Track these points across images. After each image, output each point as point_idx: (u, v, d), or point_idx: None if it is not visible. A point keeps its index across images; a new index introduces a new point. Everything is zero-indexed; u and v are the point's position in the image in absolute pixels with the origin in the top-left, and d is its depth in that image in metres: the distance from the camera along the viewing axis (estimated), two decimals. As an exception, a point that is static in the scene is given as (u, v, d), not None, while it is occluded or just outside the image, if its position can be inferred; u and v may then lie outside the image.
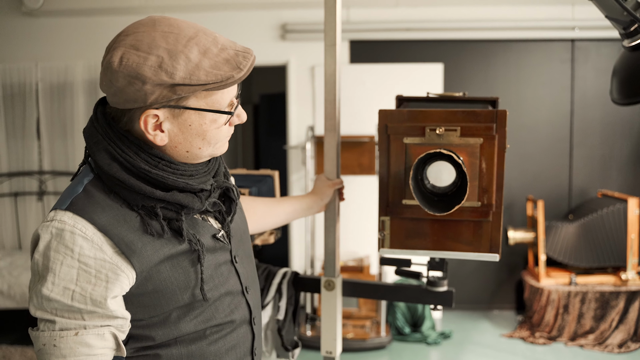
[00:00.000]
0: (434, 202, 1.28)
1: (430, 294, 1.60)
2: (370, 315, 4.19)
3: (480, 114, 1.27)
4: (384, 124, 1.34)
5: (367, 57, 4.58)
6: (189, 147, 1.00)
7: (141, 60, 0.90)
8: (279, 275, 1.77)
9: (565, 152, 4.60)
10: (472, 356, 3.83)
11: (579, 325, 4.01)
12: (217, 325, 1.08)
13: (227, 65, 0.94)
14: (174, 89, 0.91)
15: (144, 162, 0.96)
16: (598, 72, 4.53)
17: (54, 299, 0.91)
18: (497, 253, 1.33)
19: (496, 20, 4.44)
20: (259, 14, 4.58)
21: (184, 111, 0.96)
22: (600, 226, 4.06)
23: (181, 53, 0.91)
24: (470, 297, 4.70)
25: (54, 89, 4.63)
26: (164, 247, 0.99)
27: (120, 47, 0.92)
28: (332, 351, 1.71)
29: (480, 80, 4.58)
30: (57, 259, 0.91)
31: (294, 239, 4.69)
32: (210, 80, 0.93)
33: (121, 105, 0.94)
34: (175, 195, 0.98)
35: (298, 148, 4.61)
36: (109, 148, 0.96)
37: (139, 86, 0.90)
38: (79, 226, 0.92)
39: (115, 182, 0.96)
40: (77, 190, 0.97)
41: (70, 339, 0.91)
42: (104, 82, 0.94)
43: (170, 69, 0.90)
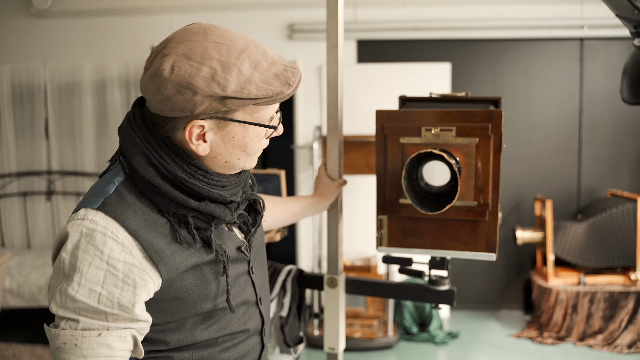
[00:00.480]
0: (428, 201, 1.29)
1: (431, 293, 1.61)
2: (378, 314, 4.19)
3: (476, 114, 1.27)
4: (381, 124, 1.36)
5: (375, 57, 4.58)
6: (228, 157, 1.00)
7: (194, 71, 0.89)
8: (284, 273, 1.79)
9: (574, 151, 4.57)
10: (480, 356, 3.82)
11: (587, 326, 3.99)
12: (230, 334, 1.08)
13: (277, 81, 0.94)
14: (224, 101, 0.91)
15: (180, 170, 0.96)
16: (607, 71, 4.50)
17: (79, 299, 0.90)
18: (493, 252, 1.33)
19: (504, 19, 4.42)
20: (266, 14, 4.58)
21: (230, 123, 0.95)
22: (609, 226, 4.04)
23: (234, 66, 0.90)
24: (478, 296, 4.69)
25: (62, 89, 4.66)
26: (192, 256, 0.98)
27: (171, 54, 0.91)
28: (335, 347, 1.72)
29: (488, 80, 4.56)
30: (86, 260, 0.90)
31: (302, 238, 4.69)
32: (261, 95, 0.92)
33: (166, 113, 0.93)
34: (208, 205, 0.98)
35: (305, 148, 4.62)
36: (146, 152, 0.95)
37: (188, 96, 0.89)
38: (111, 228, 0.91)
39: (149, 186, 0.95)
40: (109, 190, 0.95)
41: (92, 339, 0.91)
42: (150, 89, 0.92)
43: (222, 81, 0.89)
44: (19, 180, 4.72)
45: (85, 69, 4.60)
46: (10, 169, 4.71)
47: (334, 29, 1.63)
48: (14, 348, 3.81)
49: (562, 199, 4.58)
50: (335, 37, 1.63)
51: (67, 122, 4.69)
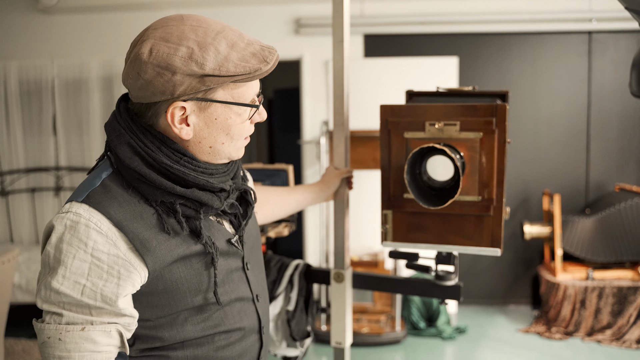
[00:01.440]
0: (431, 196, 1.29)
1: (438, 288, 1.61)
2: (385, 310, 4.19)
3: (480, 108, 1.27)
4: (385, 119, 1.36)
5: (382, 51, 4.56)
6: (212, 142, 0.99)
7: (171, 51, 0.90)
8: (291, 267, 1.80)
9: (582, 145, 4.55)
10: (487, 351, 3.81)
11: (596, 321, 3.98)
12: (225, 332, 1.07)
13: (254, 59, 0.95)
14: (203, 79, 0.92)
15: (165, 157, 0.96)
16: (616, 64, 4.47)
17: (63, 292, 0.89)
18: (498, 247, 1.33)
19: (512, 12, 4.39)
20: (272, 8, 4.57)
21: (211, 104, 0.96)
22: (617, 220, 4.02)
23: (210, 45, 0.92)
24: (485, 291, 4.68)
25: (69, 86, 4.67)
26: (179, 246, 0.98)
27: (149, 39, 0.92)
28: (342, 342, 1.73)
29: (495, 74, 4.54)
30: (70, 252, 0.89)
31: (309, 233, 4.69)
32: (238, 72, 0.93)
33: (147, 99, 0.94)
34: (195, 192, 0.97)
35: (312, 143, 4.61)
36: (131, 141, 0.95)
37: (168, 77, 0.90)
38: (94, 220, 0.91)
39: (136, 176, 0.95)
40: (95, 183, 0.95)
41: (76, 333, 0.90)
42: (131, 75, 0.93)
43: (200, 59, 0.90)
44: (28, 176, 4.75)
45: (92, 65, 4.61)
46: (19, 165, 4.73)
47: (339, 23, 1.63)
48: (24, 343, 3.84)
49: (570, 194, 4.56)
50: (341, 32, 1.63)
51: (74, 118, 4.70)
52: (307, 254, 4.74)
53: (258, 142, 7.16)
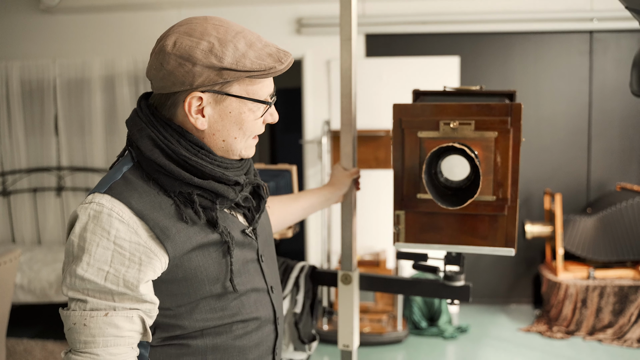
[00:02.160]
0: (447, 196, 1.28)
1: (447, 289, 1.60)
2: (387, 309, 4.19)
3: (495, 107, 1.26)
4: (398, 118, 1.34)
5: (383, 51, 4.56)
6: (226, 135, 1.04)
7: (194, 44, 0.97)
8: (297, 269, 1.79)
9: (584, 144, 4.55)
10: (489, 350, 3.82)
11: (597, 320, 3.98)
12: (242, 321, 1.10)
13: (270, 58, 1.01)
14: (221, 72, 0.98)
15: (184, 149, 1.01)
16: (617, 63, 4.47)
17: (87, 278, 0.94)
18: (512, 247, 1.32)
19: (513, 12, 4.39)
20: (274, 8, 4.57)
21: (226, 98, 1.01)
22: (619, 220, 4.02)
23: (230, 42, 0.98)
24: (487, 291, 4.69)
25: (71, 85, 4.67)
26: (197, 234, 1.02)
27: (174, 33, 0.99)
28: (350, 345, 1.72)
29: (497, 73, 4.54)
30: (94, 241, 0.94)
31: (311, 233, 4.69)
32: (255, 68, 0.99)
33: (168, 89, 1.00)
34: (212, 183, 1.02)
35: (314, 142, 4.62)
36: (152, 135, 1.00)
37: (188, 68, 0.96)
38: (116, 209, 0.95)
39: (156, 167, 1.00)
40: (116, 177, 1.00)
41: (100, 319, 0.94)
42: (154, 66, 1.00)
43: (220, 53, 0.97)
44: (29, 177, 4.75)
45: (94, 65, 4.61)
46: (21, 165, 4.74)
47: (347, 22, 1.63)
48: (25, 343, 3.84)
49: (572, 193, 4.56)
50: (349, 30, 1.63)
51: (76, 118, 4.70)
52: (308, 254, 4.75)
53: (260, 142, 7.15)
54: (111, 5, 4.56)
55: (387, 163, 4.31)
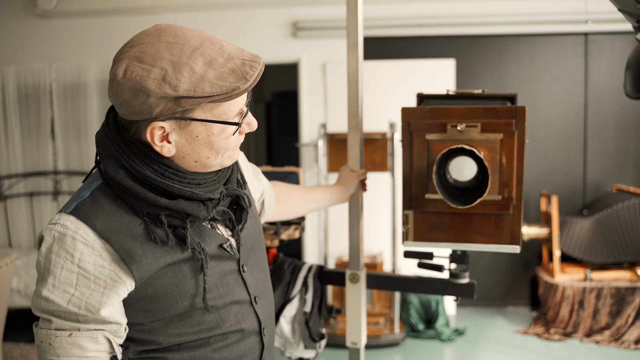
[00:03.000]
0: (456, 195, 1.32)
1: (452, 286, 1.65)
2: (384, 312, 4.19)
3: (500, 110, 1.31)
4: (407, 121, 1.38)
5: (379, 54, 4.58)
6: (197, 157, 0.99)
7: (145, 73, 0.89)
8: (305, 269, 1.83)
9: (580, 146, 4.56)
10: (486, 352, 3.82)
11: (594, 321, 3.99)
12: (222, 334, 1.07)
13: (232, 76, 0.92)
14: (179, 101, 0.90)
15: (150, 171, 0.96)
16: (612, 65, 4.49)
17: (52, 300, 0.93)
18: (517, 245, 1.37)
19: (508, 14, 4.41)
20: (270, 12, 4.58)
21: (190, 122, 0.95)
22: (615, 221, 4.03)
23: (185, 65, 0.89)
24: (484, 293, 4.69)
25: (67, 90, 4.68)
26: (166, 255, 0.99)
27: (125, 59, 0.91)
28: (357, 342, 1.77)
29: (492, 76, 4.55)
30: (58, 263, 0.93)
31: (307, 236, 4.70)
32: (215, 92, 0.91)
33: (128, 117, 0.94)
34: (181, 203, 0.97)
35: (310, 145, 4.62)
36: (116, 155, 0.96)
37: (143, 99, 0.89)
38: (81, 232, 0.93)
39: (121, 188, 0.96)
40: (84, 195, 0.98)
41: (64, 339, 0.94)
42: (111, 94, 0.94)
43: (174, 81, 0.88)
44: (26, 181, 4.74)
45: (90, 69, 4.61)
46: (17, 170, 4.73)
47: (354, 27, 1.67)
48: (22, 348, 3.83)
49: (568, 195, 4.57)
50: (356, 36, 1.67)
51: (72, 122, 4.70)
52: (305, 257, 4.75)
53: (256, 145, 7.16)
54: (107, 10, 4.56)
55: (384, 166, 4.31)
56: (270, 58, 4.62)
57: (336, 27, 4.47)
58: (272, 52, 4.61)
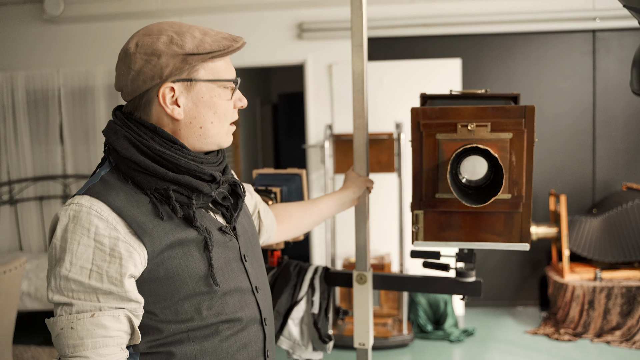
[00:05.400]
0: (469, 194, 1.34)
1: (459, 285, 1.65)
2: (392, 313, 4.18)
3: (510, 109, 1.32)
4: (417, 122, 1.39)
5: (384, 54, 4.57)
6: (202, 121, 1.09)
7: (154, 39, 1.05)
8: (311, 271, 1.84)
9: (588, 145, 4.53)
10: (495, 353, 3.80)
11: (605, 322, 3.95)
12: (227, 321, 1.10)
13: (225, 40, 1.10)
14: (186, 58, 1.05)
15: (158, 145, 1.05)
16: (620, 63, 4.46)
17: (72, 278, 0.96)
18: (527, 242, 1.38)
19: (515, 13, 4.39)
20: (275, 14, 4.59)
21: (196, 84, 1.07)
22: (625, 220, 4.00)
23: (187, 32, 1.07)
24: (493, 293, 4.66)
25: (75, 94, 4.71)
26: (174, 230, 1.04)
27: (133, 38, 1.07)
28: (365, 343, 1.78)
29: (499, 75, 4.53)
30: (74, 239, 0.96)
31: (315, 237, 4.70)
32: (215, 49, 1.07)
33: (139, 89, 1.05)
34: (187, 177, 1.06)
35: (317, 147, 4.62)
36: (127, 134, 1.05)
37: (155, 61, 1.03)
38: (95, 207, 0.98)
39: (132, 165, 1.03)
40: (95, 180, 1.05)
41: (87, 320, 0.95)
42: (122, 72, 1.06)
43: (180, 42, 1.05)
44: (35, 185, 4.78)
45: (97, 74, 4.64)
46: (27, 174, 4.77)
47: (359, 28, 1.68)
48: (33, 350, 3.86)
49: (577, 194, 4.54)
50: (361, 37, 1.68)
51: (81, 127, 4.74)
52: (313, 259, 4.74)
53: (263, 147, 7.17)
54: (113, 14, 4.59)
55: (390, 167, 4.30)
56: (276, 60, 4.63)
57: (341, 28, 4.46)
58: (278, 54, 4.62)
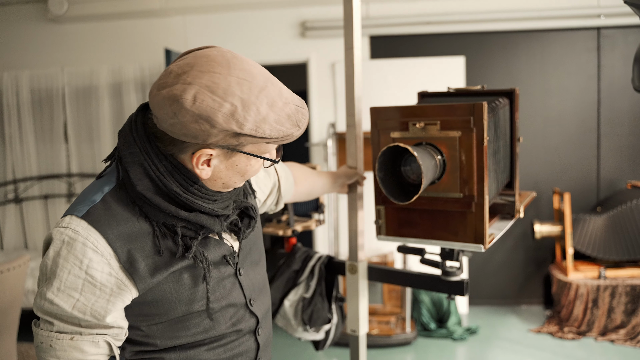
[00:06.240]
0: (409, 192, 1.34)
1: (444, 283, 1.67)
2: (395, 311, 4.18)
3: (458, 107, 1.32)
4: (375, 120, 1.43)
5: (388, 53, 4.56)
6: (227, 181, 1.03)
7: (216, 106, 0.89)
8: (315, 258, 1.95)
9: (593, 143, 4.50)
10: (499, 352, 3.79)
11: (609, 320, 3.93)
12: (218, 336, 1.10)
13: (288, 122, 0.96)
14: (239, 137, 0.93)
15: (176, 185, 0.98)
16: (626, 60, 4.42)
17: (56, 303, 0.94)
18: (482, 244, 1.37)
19: (518, 10, 4.36)
20: (278, 12, 4.59)
21: (237, 153, 0.98)
22: (630, 218, 3.97)
23: (253, 104, 0.92)
24: (497, 292, 4.65)
25: (80, 93, 4.74)
26: (168, 263, 1.00)
27: (194, 84, 0.90)
28: (356, 330, 1.84)
29: (503, 73, 4.51)
30: (65, 267, 0.93)
31: (318, 234, 4.70)
32: (273, 135, 0.95)
33: (176, 136, 0.94)
34: (198, 216, 1.01)
35: (320, 145, 4.62)
36: (144, 164, 0.97)
37: (205, 127, 0.90)
38: (92, 239, 0.94)
39: (141, 196, 0.97)
40: (95, 199, 0.98)
41: (65, 342, 0.95)
42: (165, 111, 0.91)
43: (241, 119, 0.91)
44: (40, 184, 4.82)
45: (101, 73, 4.67)
46: (32, 173, 4.81)
47: (350, 31, 1.71)
48: (38, 348, 3.89)
49: (582, 192, 4.51)
50: (351, 39, 1.71)
51: (85, 125, 4.77)
52: (317, 256, 4.74)
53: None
54: (117, 13, 4.61)
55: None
56: (279, 58, 4.63)
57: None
58: (281, 53, 4.62)
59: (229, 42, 4.63)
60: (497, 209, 1.66)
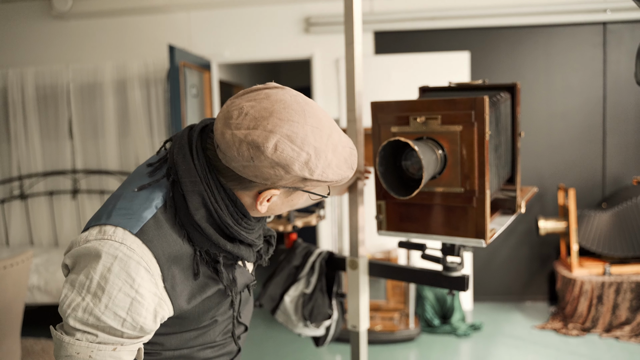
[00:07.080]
0: (410, 187, 1.34)
1: (445, 279, 1.67)
2: (399, 307, 4.17)
3: (459, 102, 1.31)
4: (375, 115, 1.43)
5: (392, 48, 4.55)
6: (277, 212, 1.08)
7: (295, 155, 0.93)
8: (315, 254, 1.96)
9: (598, 139, 4.48)
10: (503, 348, 3.78)
11: (614, 317, 3.91)
12: (212, 341, 1.17)
13: (345, 165, 1.01)
14: (306, 181, 0.97)
15: (229, 217, 1.01)
16: (632, 55, 4.38)
17: (103, 320, 0.93)
18: (483, 239, 1.36)
19: (523, 5, 4.34)
20: (282, 8, 4.59)
21: (298, 192, 1.03)
22: (635, 214, 3.95)
23: (323, 152, 0.96)
24: (501, 288, 4.63)
25: (84, 90, 4.75)
26: (203, 289, 1.03)
27: (276, 133, 0.92)
28: (357, 325, 1.84)
29: (508, 68, 4.49)
30: (116, 285, 0.92)
31: (322, 231, 4.70)
32: (334, 179, 1.00)
33: (246, 176, 0.96)
34: (239, 247, 1.05)
35: (324, 141, 4.61)
36: (204, 194, 0.98)
37: (280, 173, 0.94)
38: (146, 258, 0.94)
39: (195, 225, 0.99)
40: (147, 216, 0.97)
41: (107, 352, 0.95)
42: (241, 154, 0.93)
43: (313, 167, 0.95)
44: (45, 180, 4.84)
45: (106, 69, 4.68)
46: (37, 169, 4.83)
47: (350, 26, 1.72)
48: (43, 343, 3.91)
49: (587, 188, 4.49)
50: (352, 35, 1.71)
51: (89, 122, 4.78)
52: (321, 252, 4.74)
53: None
54: (121, 10, 4.62)
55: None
56: (283, 54, 4.63)
57: (348, 22, 4.44)
58: (285, 48, 4.61)
59: (233, 38, 4.63)
60: (498, 204, 1.65)
